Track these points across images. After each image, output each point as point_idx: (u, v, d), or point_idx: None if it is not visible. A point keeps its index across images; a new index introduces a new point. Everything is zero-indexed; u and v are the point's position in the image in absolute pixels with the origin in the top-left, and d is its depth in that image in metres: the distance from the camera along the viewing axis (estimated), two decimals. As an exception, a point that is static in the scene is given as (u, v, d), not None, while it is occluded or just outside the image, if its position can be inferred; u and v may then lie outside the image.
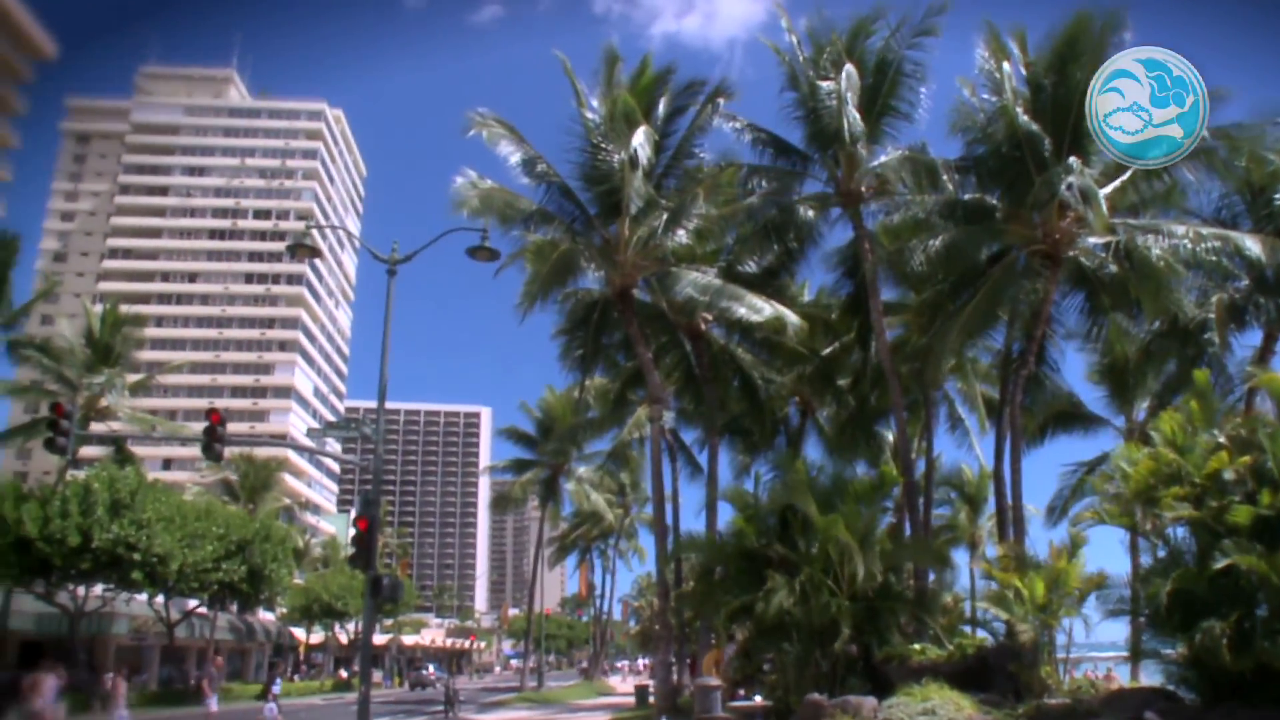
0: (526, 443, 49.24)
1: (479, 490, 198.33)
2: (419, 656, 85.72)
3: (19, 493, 29.61)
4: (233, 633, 51.49)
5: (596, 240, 24.27)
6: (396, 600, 22.00)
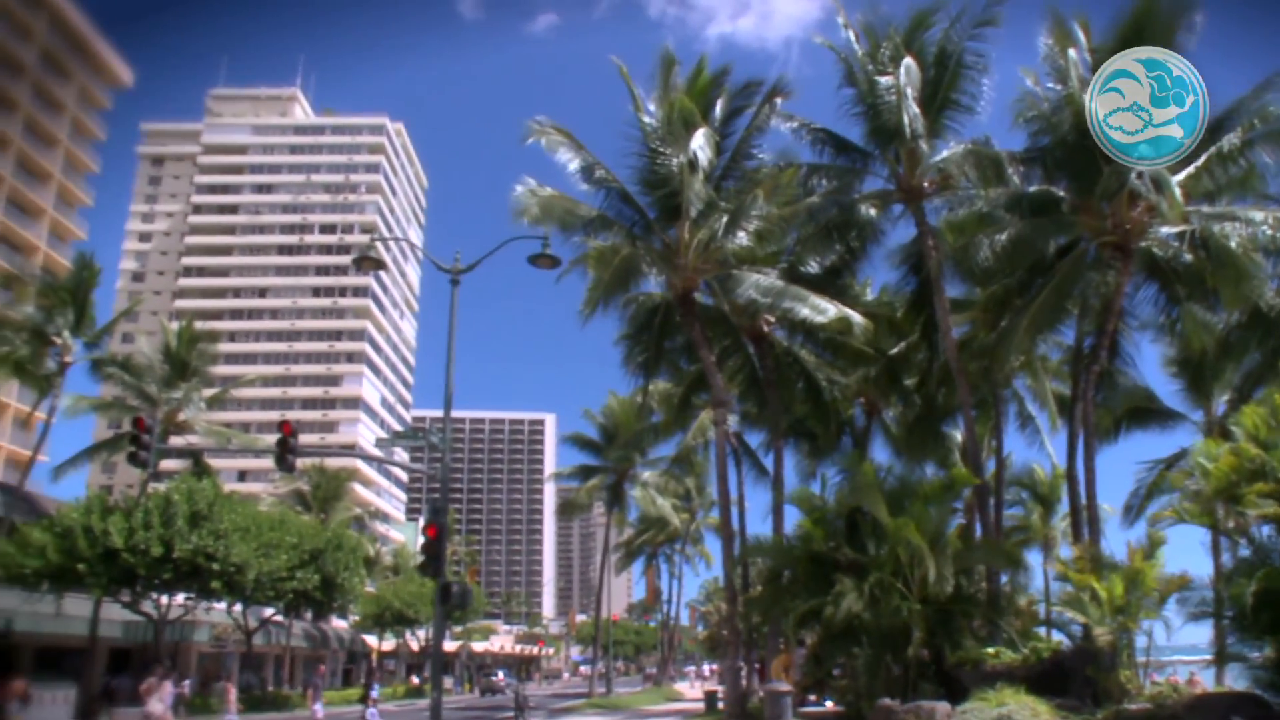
0: (591, 449, 49.45)
1: (545, 497, 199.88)
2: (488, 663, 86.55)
3: (105, 505, 30.54)
4: (308, 640, 52.56)
5: (657, 244, 24.27)
6: (466, 607, 22.31)
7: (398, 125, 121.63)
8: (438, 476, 20.02)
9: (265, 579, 31.49)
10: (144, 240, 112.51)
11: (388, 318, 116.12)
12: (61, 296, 35.77)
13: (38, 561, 28.57)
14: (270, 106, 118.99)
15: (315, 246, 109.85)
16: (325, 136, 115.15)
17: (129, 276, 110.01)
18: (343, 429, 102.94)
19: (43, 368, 35.84)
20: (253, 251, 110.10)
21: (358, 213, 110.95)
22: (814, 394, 27.04)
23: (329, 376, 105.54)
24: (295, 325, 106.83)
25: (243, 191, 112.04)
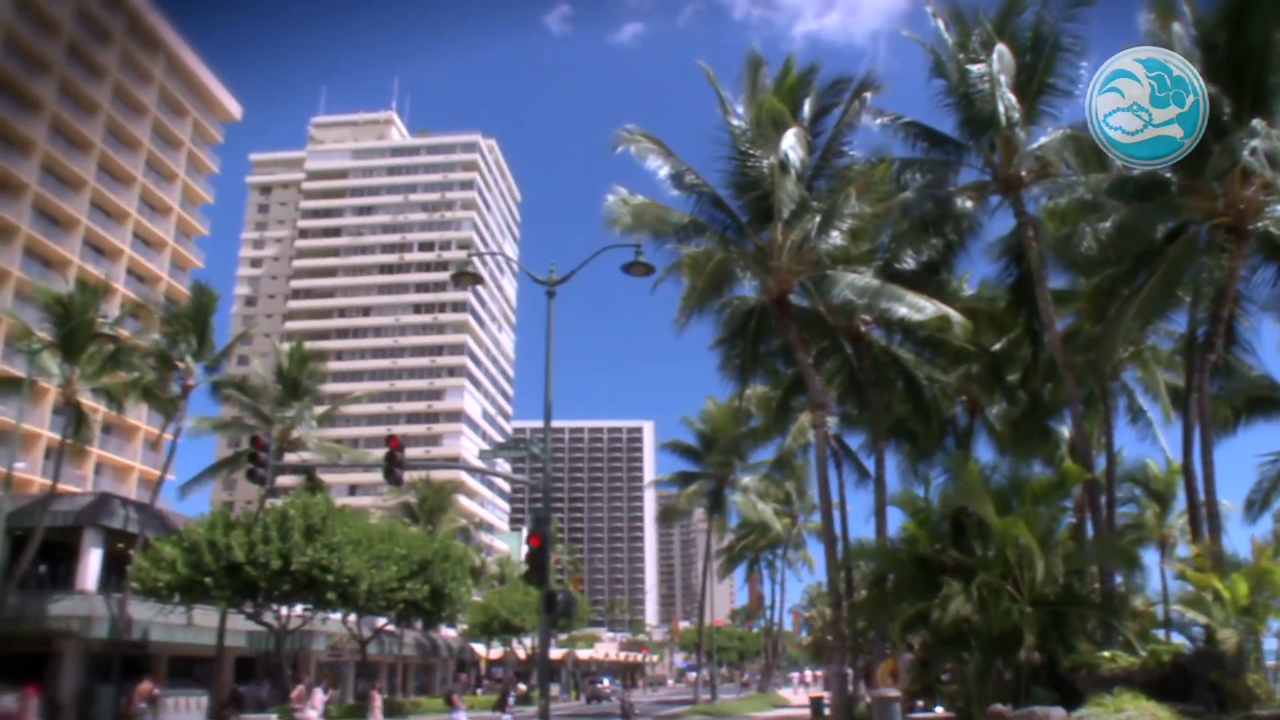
0: (690, 455, 49.48)
1: (645, 504, 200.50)
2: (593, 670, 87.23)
3: (227, 521, 32.00)
4: (418, 649, 53.97)
5: (750, 247, 24.15)
6: (570, 615, 22.58)
7: (490, 141, 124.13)
8: (539, 486, 20.36)
9: (377, 590, 32.41)
10: (255, 266, 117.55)
11: (486, 331, 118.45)
12: (183, 323, 37.51)
13: (169, 575, 30.11)
14: (368, 130, 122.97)
15: (415, 264, 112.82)
16: (421, 156, 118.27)
17: (242, 301, 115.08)
18: (446, 442, 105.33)
19: (168, 391, 37.65)
20: (356, 272, 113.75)
21: (454, 229, 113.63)
22: (914, 393, 26.54)
23: (431, 391, 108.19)
24: (398, 342, 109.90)
25: (345, 214, 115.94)
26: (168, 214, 69.82)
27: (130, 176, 65.11)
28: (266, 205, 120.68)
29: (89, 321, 33.93)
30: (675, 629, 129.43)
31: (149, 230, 67.13)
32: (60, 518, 34.90)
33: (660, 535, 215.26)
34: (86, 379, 34.60)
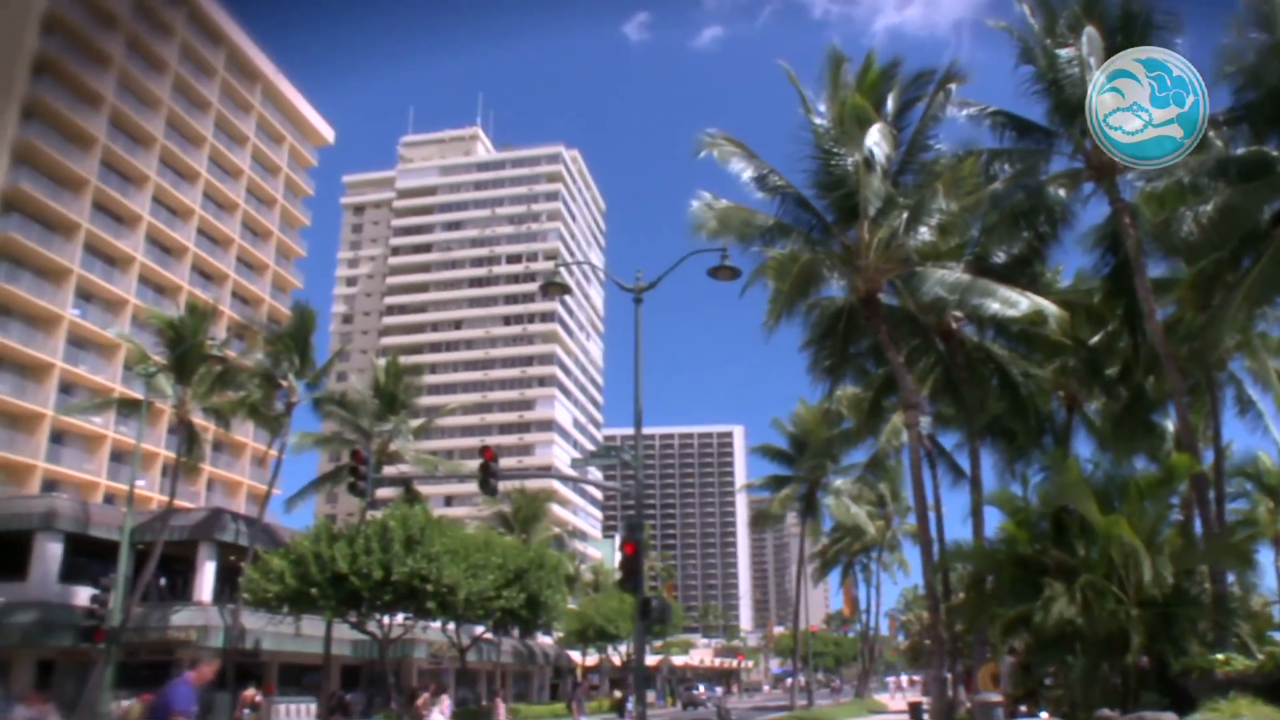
0: (782, 458, 49.10)
1: (737, 509, 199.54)
2: (689, 676, 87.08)
3: (331, 533, 32.89)
4: (516, 656, 54.68)
5: (836, 247, 23.86)
6: (665, 621, 22.58)
7: (573, 152, 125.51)
8: (631, 493, 20.46)
9: (474, 598, 32.88)
10: (351, 284, 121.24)
11: (575, 340, 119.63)
12: (285, 343, 38.83)
13: (277, 586, 31.14)
14: (455, 147, 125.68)
15: (503, 276, 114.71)
16: (506, 170, 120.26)
17: (340, 319, 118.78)
18: (538, 451, 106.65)
19: (273, 409, 39.00)
20: (447, 286, 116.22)
21: (541, 240, 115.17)
22: (1009, 390, 25.83)
23: (523, 401, 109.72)
24: (489, 354, 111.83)
25: (435, 230, 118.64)
26: (268, 238, 72.60)
27: (233, 203, 67.96)
28: (360, 225, 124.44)
29: (199, 344, 35.46)
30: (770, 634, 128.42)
31: (251, 254, 69.92)
32: (177, 532, 36.55)
33: (753, 540, 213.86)
34: (197, 399, 36.11)
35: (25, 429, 50.02)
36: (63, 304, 52.20)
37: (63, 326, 52.12)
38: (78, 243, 53.35)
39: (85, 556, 35.51)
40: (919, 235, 22.14)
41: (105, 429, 53.71)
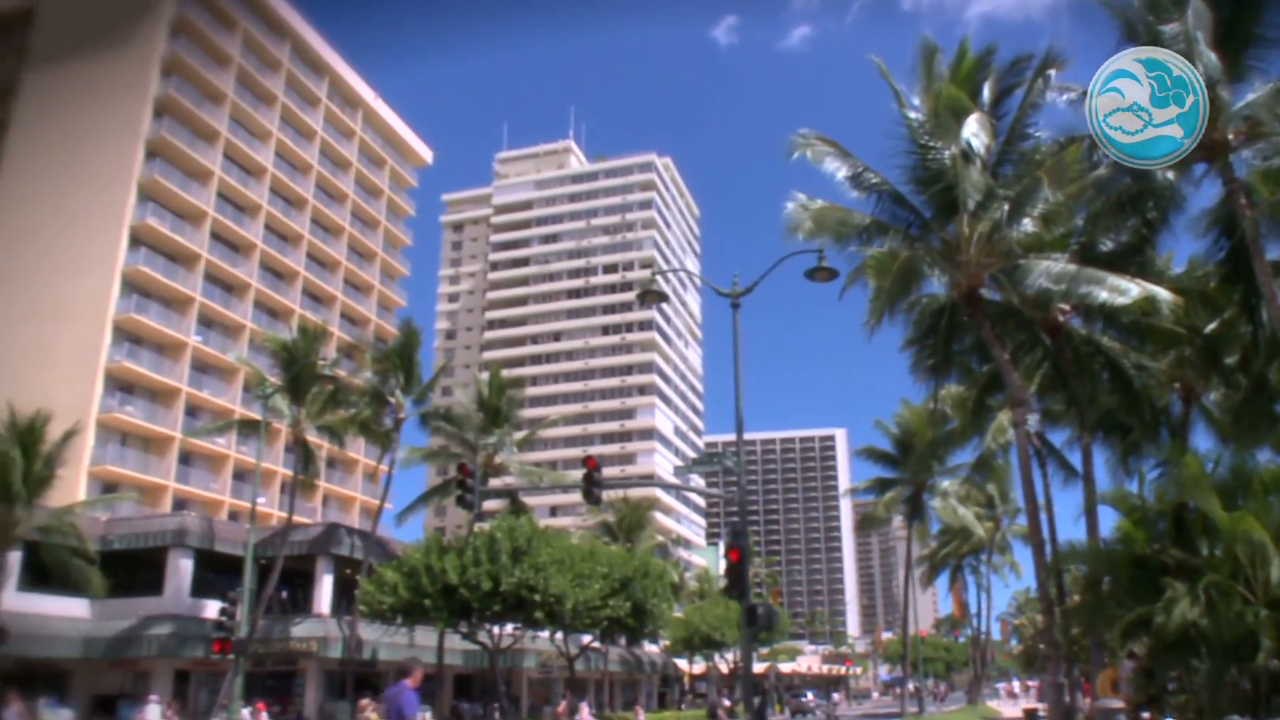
0: (886, 461, 48.09)
1: (841, 513, 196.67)
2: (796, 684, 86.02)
3: (441, 545, 33.63)
4: (623, 665, 54.90)
5: (935, 243, 23.22)
6: (772, 628, 22.41)
7: (665, 160, 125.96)
8: (734, 500, 20.36)
9: (581, 608, 33.11)
10: (452, 300, 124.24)
11: (674, 348, 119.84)
12: (392, 361, 39.93)
13: (391, 598, 31.99)
14: (549, 160, 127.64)
15: (600, 287, 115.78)
16: (599, 181, 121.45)
17: (443, 335, 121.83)
18: (640, 460, 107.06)
19: (382, 425, 40.16)
20: (545, 299, 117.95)
21: (636, 249, 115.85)
22: (1121, 383, 24.65)
23: (623, 410, 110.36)
24: (589, 364, 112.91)
25: (531, 244, 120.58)
26: (373, 259, 74.95)
27: (339, 227, 70.43)
28: (459, 242, 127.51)
29: (311, 364, 36.77)
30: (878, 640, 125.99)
31: (357, 275, 72.30)
32: (296, 547, 37.97)
33: (859, 544, 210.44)
34: (311, 418, 37.43)
35: (157, 451, 52.79)
36: (186, 331, 54.93)
37: (187, 352, 54.82)
38: (198, 272, 56.08)
39: (213, 571, 37.26)
40: (1021, 227, 21.34)
41: (228, 449, 56.22)
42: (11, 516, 29.39)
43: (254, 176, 62.04)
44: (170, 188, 54.49)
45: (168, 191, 54.55)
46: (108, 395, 50.40)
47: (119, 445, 50.80)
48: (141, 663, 35.00)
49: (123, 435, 51.47)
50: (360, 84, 74.74)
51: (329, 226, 69.64)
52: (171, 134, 55.01)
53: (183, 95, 56.04)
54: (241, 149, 60.56)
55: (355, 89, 74.07)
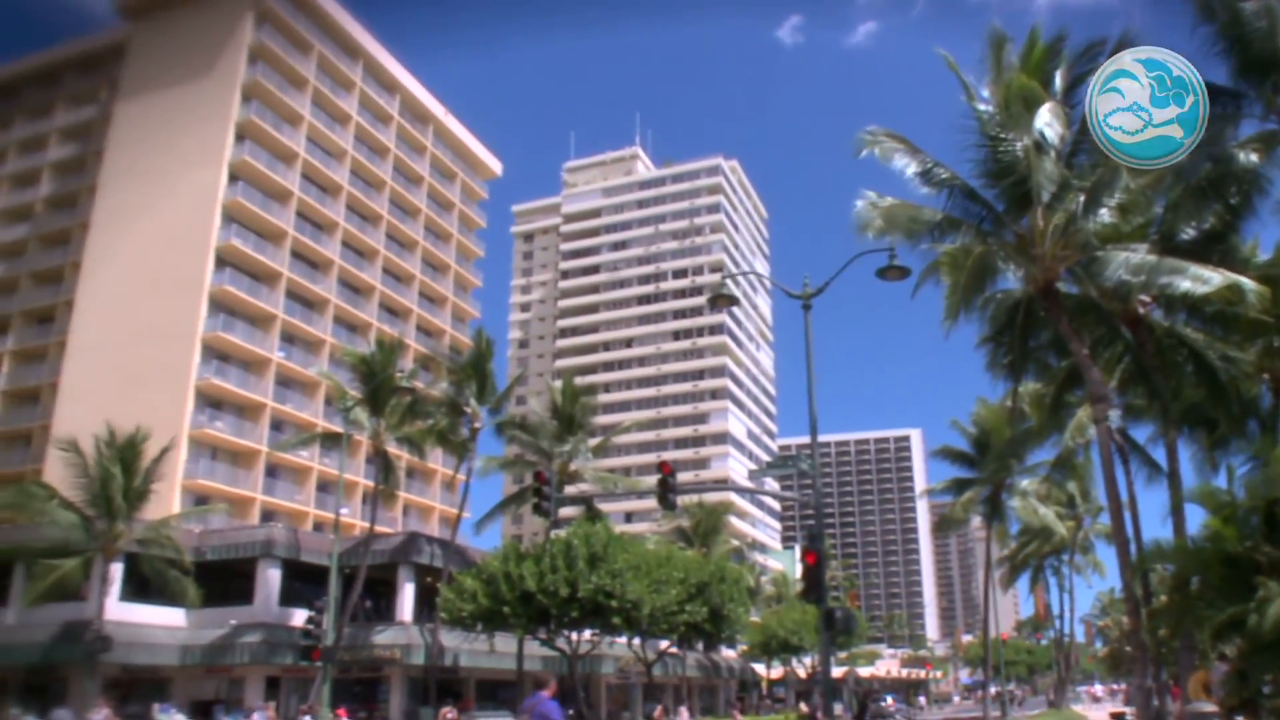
0: (963, 461, 47.10)
1: (918, 515, 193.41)
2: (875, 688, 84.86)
3: (519, 553, 34.00)
4: (701, 670, 54.79)
5: (1009, 237, 22.72)
6: (850, 632, 22.17)
7: (732, 163, 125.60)
8: (810, 503, 20.20)
9: (658, 613, 33.14)
10: (524, 310, 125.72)
11: (745, 351, 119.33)
12: (467, 371, 40.55)
13: (471, 605, 32.46)
14: (616, 168, 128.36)
15: (670, 292, 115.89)
16: (667, 186, 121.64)
17: (516, 344, 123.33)
18: (714, 464, 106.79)
19: (459, 435, 40.85)
20: (616, 306, 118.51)
21: (705, 254, 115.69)
22: (1207, 376, 23.74)
23: (696, 415, 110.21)
24: (661, 370, 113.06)
25: (601, 252, 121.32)
26: (446, 271, 76.30)
27: (413, 241, 71.91)
28: (530, 251, 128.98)
29: (389, 377, 37.57)
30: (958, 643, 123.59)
31: (431, 288, 73.69)
32: (378, 556, 38.82)
33: (937, 546, 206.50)
34: (391, 429, 38.25)
35: (245, 464, 54.57)
36: (270, 347, 56.69)
37: (271, 368, 56.56)
38: (280, 290, 57.84)
39: (300, 580, 38.34)
40: (1098, 218, 20.77)
41: (311, 461, 57.80)
42: (114, 529, 30.77)
43: (330, 195, 63.76)
44: (252, 208, 56.36)
45: (250, 212, 56.42)
46: (198, 411, 52.27)
47: (209, 459, 52.66)
48: (235, 670, 36.20)
49: (213, 450, 53.33)
50: (430, 100, 76.23)
51: (403, 241, 71.13)
52: (252, 156, 56.91)
53: (262, 119, 57.94)
54: (318, 168, 62.31)
55: (425, 105, 75.59)
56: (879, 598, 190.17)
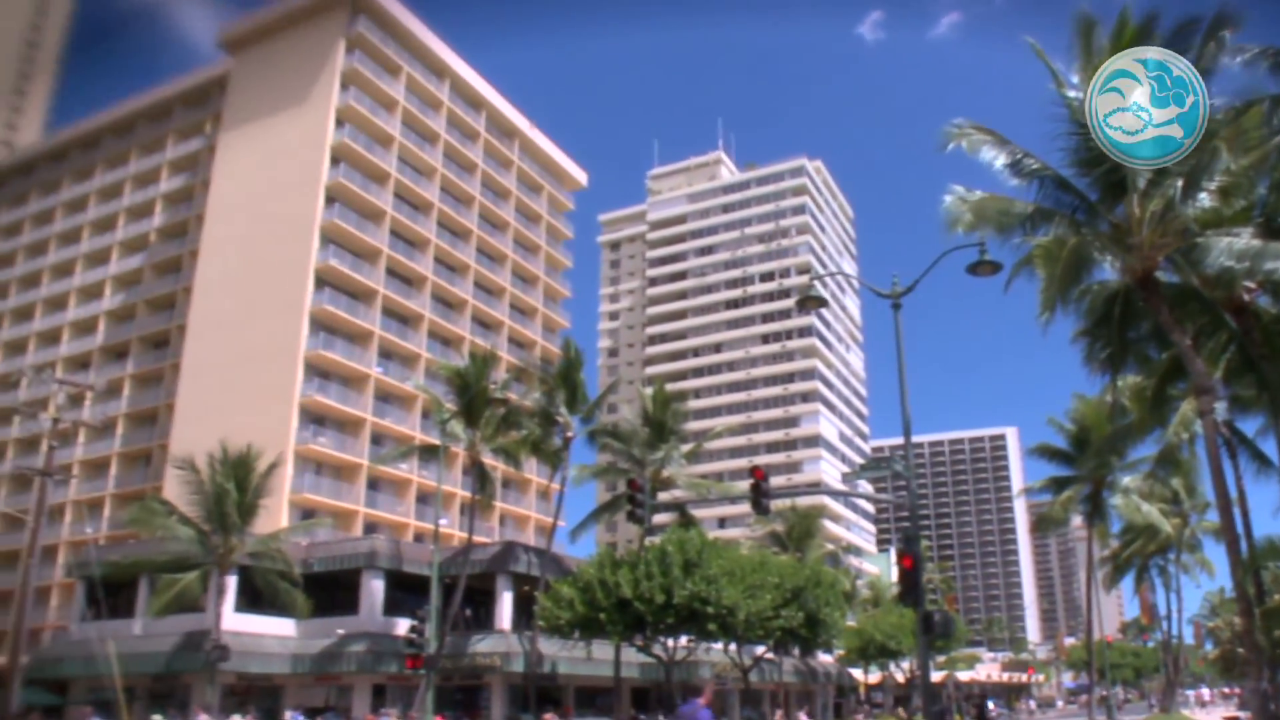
0: (1061, 458, 45.58)
1: (1016, 515, 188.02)
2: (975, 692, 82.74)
3: (614, 560, 34.23)
4: (797, 675, 54.23)
5: (1104, 227, 22.02)
6: (948, 636, 21.76)
7: (816, 163, 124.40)
8: (904, 505, 20.00)
9: (754, 618, 32.97)
10: (613, 319, 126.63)
11: (834, 353, 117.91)
12: (557, 381, 41.06)
13: (568, 613, 32.82)
14: (700, 173, 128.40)
15: (758, 295, 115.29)
16: (751, 190, 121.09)
17: (606, 353, 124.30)
18: (806, 468, 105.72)
19: (552, 445, 41.43)
20: (704, 311, 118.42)
21: (792, 256, 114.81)
22: (1318, 364, 22.60)
23: (787, 418, 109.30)
24: (750, 374, 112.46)
25: (687, 258, 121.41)
26: (535, 283, 77.47)
27: (502, 254, 73.27)
28: (617, 260, 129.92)
29: (483, 389, 38.37)
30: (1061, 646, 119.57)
31: (522, 300, 74.92)
32: (476, 565, 39.63)
33: (1036, 546, 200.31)
34: (486, 440, 38.99)
35: (347, 478, 56.38)
36: (369, 363, 58.46)
37: (370, 384, 58.32)
38: (376, 307, 59.62)
39: (401, 590, 39.45)
40: (1197, 202, 19.95)
41: (410, 474, 59.34)
42: (228, 543, 32.23)
43: (422, 212, 65.46)
44: (348, 228, 58.27)
45: (346, 233, 58.34)
46: (302, 428, 54.23)
47: (314, 474, 54.58)
48: (343, 677, 37.43)
49: (317, 465, 55.26)
50: (515, 114, 77.57)
51: (493, 255, 72.51)
52: (347, 178, 58.89)
53: (355, 142, 59.91)
54: (410, 186, 64.07)
55: (511, 119, 76.95)
56: (977, 600, 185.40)
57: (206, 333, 58.33)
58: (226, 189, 61.93)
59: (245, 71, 64.86)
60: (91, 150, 74.39)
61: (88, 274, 69.34)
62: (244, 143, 62.29)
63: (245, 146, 62.07)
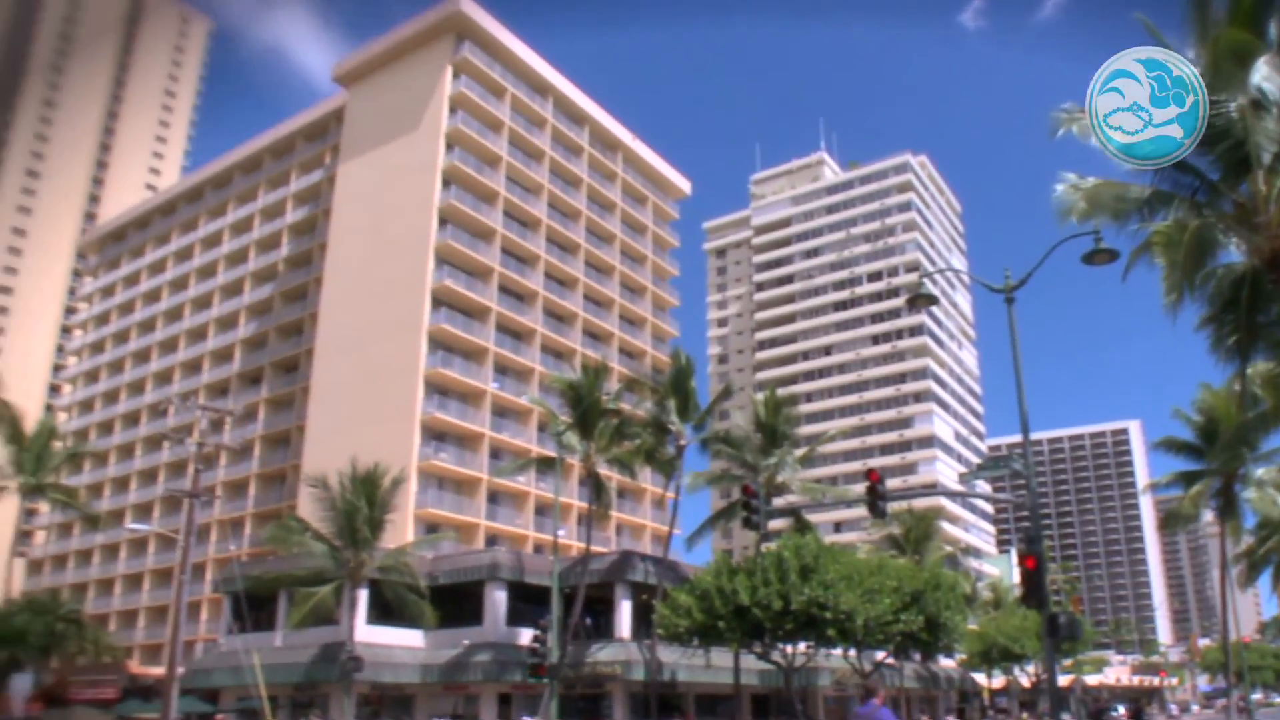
0: (1188, 451, 43.37)
1: (1142, 511, 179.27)
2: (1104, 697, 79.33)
3: (730, 567, 34.30)
4: (919, 680, 53.12)
5: (1227, 207, 21.07)
6: (1075, 638, 21.14)
7: (920, 158, 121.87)
8: (1024, 504, 19.55)
9: (872, 623, 32.57)
10: (722, 325, 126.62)
11: (947, 351, 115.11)
12: (668, 390, 41.42)
13: (686, 621, 33.08)
14: (803, 175, 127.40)
15: (867, 296, 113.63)
16: (855, 189, 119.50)
17: (715, 360, 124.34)
18: (921, 469, 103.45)
19: (665, 453, 41.78)
20: (812, 314, 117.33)
21: (899, 254, 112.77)
22: None
23: (900, 419, 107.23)
24: (861, 375, 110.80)
25: (794, 261, 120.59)
26: (643, 293, 78.22)
27: (609, 266, 74.28)
28: (724, 266, 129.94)
29: (596, 400, 39.08)
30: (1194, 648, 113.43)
31: (630, 310, 75.77)
32: (594, 575, 40.27)
33: (1164, 544, 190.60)
34: (601, 451, 39.68)
35: (468, 492, 58.11)
36: (485, 379, 60.16)
37: (487, 399, 60.00)
38: (490, 324, 61.31)
39: (523, 601, 40.45)
40: (1331, 175, 19.01)
41: (528, 486, 60.72)
42: (359, 558, 33.74)
43: (531, 229, 67.01)
44: (461, 249, 60.15)
45: (459, 253, 60.23)
46: (424, 444, 56.17)
47: (436, 489, 56.44)
48: (470, 687, 38.60)
49: (439, 480, 57.13)
50: (617, 127, 78.57)
51: (601, 267, 73.60)
52: (458, 200, 60.80)
53: (465, 164, 61.84)
54: (518, 204, 65.69)
55: (613, 133, 77.98)
56: (1103, 601, 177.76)
57: (332, 356, 61.05)
58: (346, 217, 64.79)
59: (359, 103, 67.74)
60: (224, 188, 79.05)
61: (224, 305, 73.62)
62: (360, 171, 65.08)
63: (362, 175, 64.84)
